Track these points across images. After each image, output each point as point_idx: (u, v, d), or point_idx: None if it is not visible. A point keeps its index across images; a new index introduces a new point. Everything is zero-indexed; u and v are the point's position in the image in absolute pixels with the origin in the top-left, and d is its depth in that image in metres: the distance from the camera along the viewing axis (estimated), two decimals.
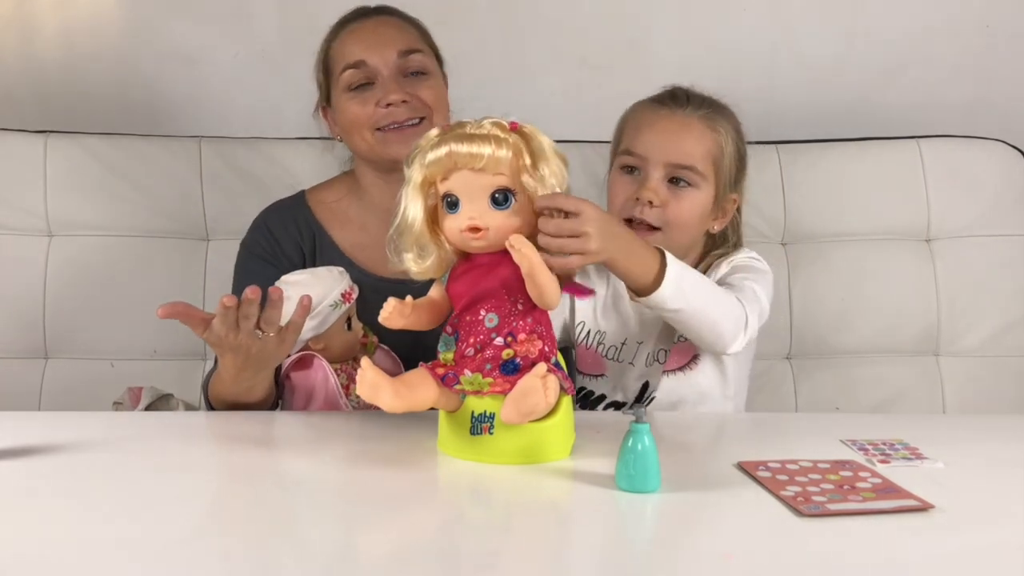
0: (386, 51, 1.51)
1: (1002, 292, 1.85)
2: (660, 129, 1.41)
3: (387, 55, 1.51)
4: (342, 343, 1.41)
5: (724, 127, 1.44)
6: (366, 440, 1.19)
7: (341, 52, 1.54)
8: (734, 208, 1.49)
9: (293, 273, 1.42)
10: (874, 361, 1.84)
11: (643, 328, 1.45)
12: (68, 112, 1.96)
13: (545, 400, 1.04)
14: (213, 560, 0.86)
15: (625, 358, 1.45)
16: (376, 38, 1.53)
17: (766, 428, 1.31)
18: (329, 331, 1.39)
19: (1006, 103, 2.04)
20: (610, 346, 1.46)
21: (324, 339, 1.39)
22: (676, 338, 1.42)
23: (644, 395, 1.43)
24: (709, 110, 1.44)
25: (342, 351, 1.41)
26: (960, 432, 1.30)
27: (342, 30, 1.56)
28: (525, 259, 1.04)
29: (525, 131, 1.09)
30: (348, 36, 1.55)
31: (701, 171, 1.41)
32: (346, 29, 1.56)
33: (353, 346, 1.42)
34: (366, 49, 1.51)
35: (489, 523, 0.99)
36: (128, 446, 1.16)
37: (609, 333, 1.47)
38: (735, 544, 0.91)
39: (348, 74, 1.51)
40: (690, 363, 1.42)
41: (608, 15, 2.02)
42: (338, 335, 1.40)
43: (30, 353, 1.78)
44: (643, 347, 1.45)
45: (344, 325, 1.40)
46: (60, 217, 1.80)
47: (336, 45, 1.55)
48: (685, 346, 1.42)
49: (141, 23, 1.99)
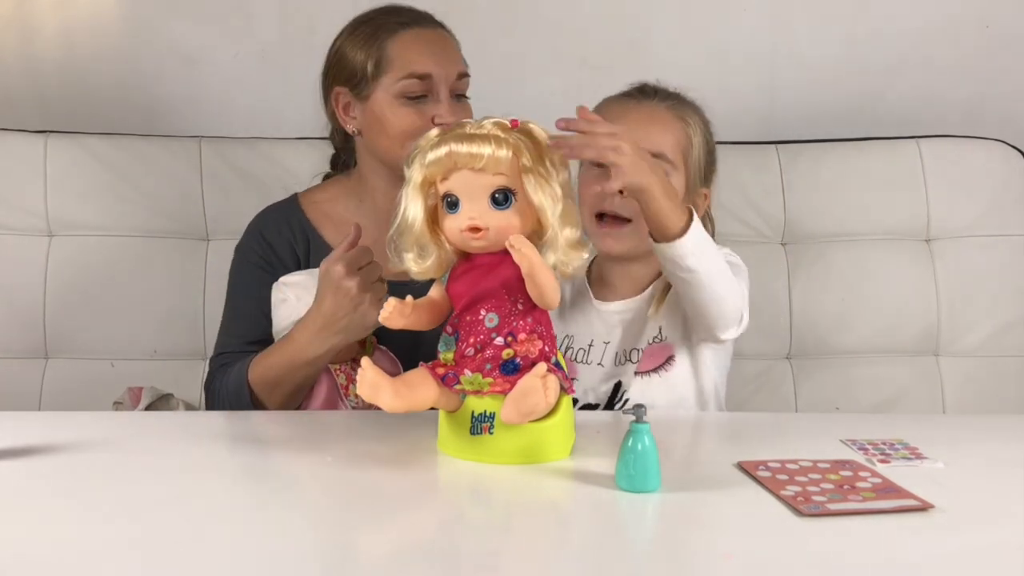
0: (450, 69, 1.49)
1: (1002, 292, 1.85)
2: (629, 120, 1.39)
3: (451, 73, 1.48)
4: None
5: (692, 119, 1.44)
6: (366, 440, 1.19)
7: (406, 56, 1.48)
8: (706, 204, 1.48)
9: (291, 274, 1.41)
10: (874, 361, 1.84)
11: (608, 327, 1.45)
12: (68, 112, 1.96)
13: (545, 400, 1.04)
14: (213, 560, 0.85)
15: (593, 359, 1.45)
16: (445, 55, 1.50)
17: (766, 428, 1.31)
18: None
19: (1006, 103, 2.04)
20: (578, 349, 1.46)
21: None
22: (651, 339, 1.42)
23: (616, 396, 1.42)
24: (676, 102, 1.44)
25: (340, 352, 1.41)
26: (960, 432, 1.30)
27: (403, 31, 1.50)
28: (525, 259, 1.04)
29: (526, 128, 1.09)
30: (414, 42, 1.49)
31: (671, 159, 1.40)
32: (408, 32, 1.50)
33: (351, 346, 1.42)
34: (436, 63, 1.48)
35: (489, 523, 0.99)
36: (128, 446, 1.15)
37: (576, 336, 1.47)
38: (735, 544, 0.91)
39: (410, 82, 1.46)
40: (664, 364, 1.41)
41: (608, 15, 2.02)
42: None
43: (30, 353, 1.78)
44: (610, 347, 1.44)
45: None
46: (60, 217, 1.80)
47: (398, 46, 1.48)
48: (659, 348, 1.41)
49: (141, 23, 1.99)
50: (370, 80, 1.49)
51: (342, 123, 1.53)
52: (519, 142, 1.07)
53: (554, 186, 1.08)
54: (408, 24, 1.51)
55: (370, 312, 1.30)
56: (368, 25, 1.52)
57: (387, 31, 1.50)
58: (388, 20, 1.51)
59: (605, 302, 1.46)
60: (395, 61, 1.48)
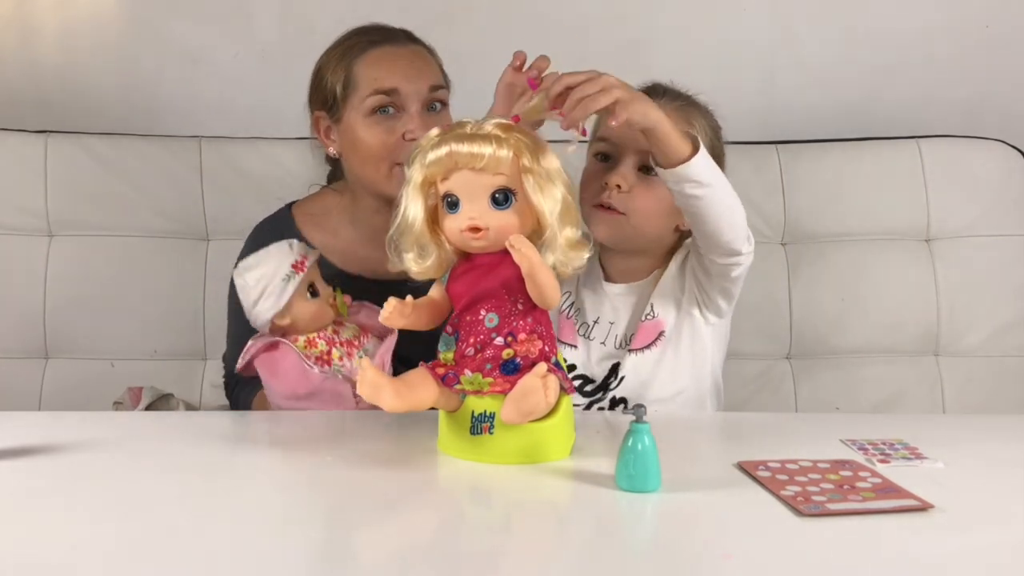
0: (420, 83, 1.49)
1: (1002, 292, 1.85)
2: None
3: (420, 88, 1.49)
4: (308, 313, 1.38)
5: (699, 122, 1.43)
6: (366, 440, 1.19)
7: (372, 75, 1.49)
8: None
9: (246, 259, 1.41)
10: (874, 361, 1.84)
11: (614, 309, 1.46)
12: (68, 112, 1.96)
13: (545, 400, 1.04)
14: (213, 560, 0.85)
15: (596, 336, 1.46)
16: (413, 69, 1.50)
17: (766, 428, 1.31)
18: (290, 305, 1.36)
19: (1006, 103, 2.04)
20: (582, 323, 1.47)
21: (288, 314, 1.37)
22: (643, 316, 1.42)
23: (612, 376, 1.43)
24: (684, 103, 1.44)
25: (312, 321, 1.38)
26: (960, 432, 1.30)
27: (372, 49, 1.51)
28: (525, 259, 1.04)
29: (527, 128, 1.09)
30: (381, 60, 1.50)
31: None
32: (377, 50, 1.51)
33: (323, 313, 1.39)
34: (403, 78, 1.48)
35: (489, 523, 0.99)
36: (128, 446, 1.15)
37: (586, 308, 1.48)
38: (735, 544, 0.91)
39: (377, 98, 1.47)
40: (656, 341, 1.42)
41: (608, 15, 2.02)
42: (302, 306, 1.37)
43: (30, 353, 1.78)
44: (614, 328, 1.45)
45: (306, 294, 1.37)
46: (60, 217, 1.80)
47: (364, 65, 1.50)
48: (651, 324, 1.42)
49: (141, 23, 1.99)
50: (341, 102, 1.51)
51: (325, 146, 1.55)
52: (519, 142, 1.07)
53: (554, 186, 1.08)
54: (377, 42, 1.52)
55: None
56: (340, 47, 1.54)
57: (356, 51, 1.52)
58: (359, 40, 1.53)
59: (612, 283, 1.48)
60: (362, 80, 1.49)
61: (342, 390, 1.35)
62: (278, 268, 1.36)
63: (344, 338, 1.40)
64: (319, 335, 1.39)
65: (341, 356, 1.39)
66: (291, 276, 1.35)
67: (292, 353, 1.36)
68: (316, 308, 1.38)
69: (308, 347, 1.39)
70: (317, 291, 1.39)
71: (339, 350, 1.39)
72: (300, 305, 1.37)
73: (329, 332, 1.40)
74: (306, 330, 1.38)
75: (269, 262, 1.36)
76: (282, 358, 1.38)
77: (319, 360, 1.38)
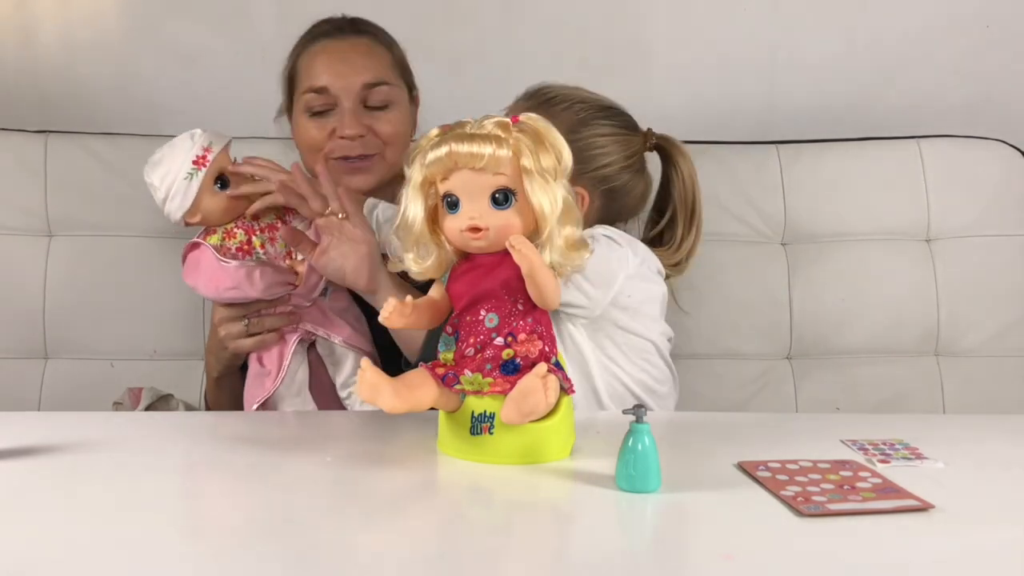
0: (351, 80, 1.49)
1: (1002, 292, 1.85)
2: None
3: (351, 85, 1.48)
4: (219, 207, 1.37)
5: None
6: (366, 440, 1.19)
7: (307, 72, 1.51)
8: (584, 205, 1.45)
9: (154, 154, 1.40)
10: (874, 361, 1.84)
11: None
12: (68, 112, 1.96)
13: (545, 400, 1.04)
14: (212, 560, 0.85)
15: None
16: (344, 65, 1.50)
17: (766, 428, 1.31)
18: (198, 202, 1.35)
19: (1006, 103, 2.04)
20: None
21: (197, 211, 1.36)
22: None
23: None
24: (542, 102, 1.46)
25: (224, 213, 1.37)
26: (960, 432, 1.30)
27: (312, 44, 1.53)
28: (525, 259, 1.04)
29: (527, 125, 1.09)
30: (316, 56, 1.52)
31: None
32: (316, 45, 1.53)
33: (235, 204, 1.37)
34: (332, 76, 1.49)
35: (489, 523, 0.99)
36: (128, 446, 1.15)
37: None
38: (735, 544, 0.91)
39: (309, 97, 1.49)
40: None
41: (608, 15, 2.02)
42: (210, 201, 1.36)
43: (30, 353, 1.78)
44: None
45: (212, 188, 1.36)
46: (60, 217, 1.80)
47: (303, 62, 1.52)
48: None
49: (141, 23, 1.99)
50: (287, 99, 1.55)
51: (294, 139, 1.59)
52: (519, 142, 1.07)
53: (554, 186, 1.08)
54: (318, 37, 1.54)
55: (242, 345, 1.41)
56: (294, 44, 1.56)
57: (300, 47, 1.56)
58: (307, 35, 1.56)
59: None
60: (299, 77, 1.53)
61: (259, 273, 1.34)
62: (181, 166, 1.34)
63: (264, 223, 1.38)
64: (237, 225, 1.37)
65: (263, 243, 1.37)
66: (193, 173, 1.33)
67: (208, 250, 1.35)
68: (226, 201, 1.36)
69: (227, 238, 1.36)
70: (228, 181, 1.36)
71: (259, 237, 1.37)
72: (208, 200, 1.35)
73: (248, 220, 1.38)
74: (220, 222, 1.36)
75: (174, 158, 1.35)
76: (201, 256, 1.37)
77: (240, 250, 1.36)
